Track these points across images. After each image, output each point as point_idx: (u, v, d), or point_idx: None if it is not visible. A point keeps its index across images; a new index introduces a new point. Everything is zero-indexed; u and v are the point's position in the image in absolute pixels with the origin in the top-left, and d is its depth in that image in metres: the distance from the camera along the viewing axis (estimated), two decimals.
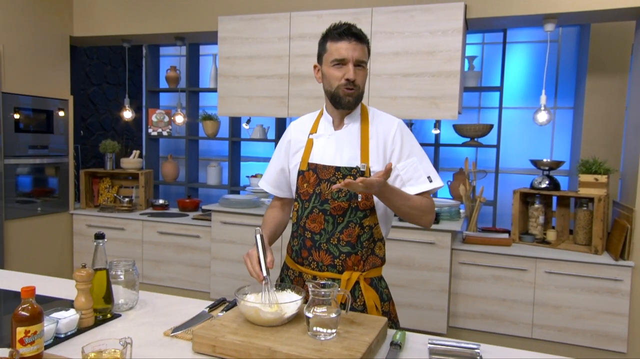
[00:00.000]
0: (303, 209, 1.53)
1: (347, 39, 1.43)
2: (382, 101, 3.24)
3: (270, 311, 1.25)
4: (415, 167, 1.49)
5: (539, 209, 3.27)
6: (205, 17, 3.72)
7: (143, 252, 3.88)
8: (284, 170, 1.64)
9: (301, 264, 1.56)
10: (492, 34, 4.07)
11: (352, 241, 1.48)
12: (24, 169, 3.70)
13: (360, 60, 1.45)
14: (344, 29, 1.44)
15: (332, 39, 1.46)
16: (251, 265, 1.38)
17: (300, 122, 1.66)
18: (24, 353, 1.07)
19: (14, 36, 3.55)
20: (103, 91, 5.12)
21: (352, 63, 1.44)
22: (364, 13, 3.22)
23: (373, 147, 1.50)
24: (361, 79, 1.47)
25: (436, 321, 3.12)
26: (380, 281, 1.56)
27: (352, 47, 1.43)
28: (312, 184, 1.52)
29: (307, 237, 1.52)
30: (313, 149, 1.55)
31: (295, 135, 1.63)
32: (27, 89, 3.68)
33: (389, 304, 1.55)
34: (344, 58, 1.44)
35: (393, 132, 1.51)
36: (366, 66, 1.49)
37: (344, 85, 1.45)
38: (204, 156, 4.96)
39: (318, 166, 1.52)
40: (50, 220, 3.91)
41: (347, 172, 1.49)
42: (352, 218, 1.48)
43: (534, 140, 4.03)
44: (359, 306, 1.48)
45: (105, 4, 3.99)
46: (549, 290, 2.96)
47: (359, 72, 1.46)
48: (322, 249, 1.50)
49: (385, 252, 1.58)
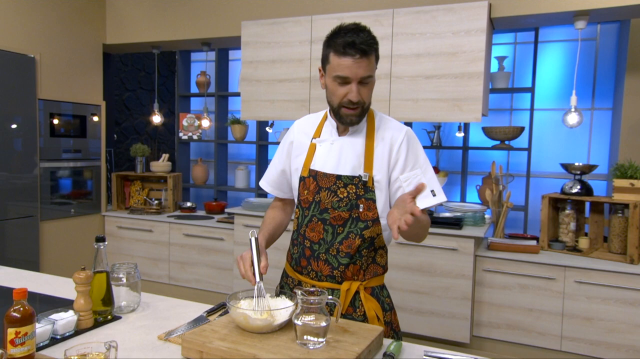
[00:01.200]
0: (303, 216, 1.49)
1: (351, 54, 1.30)
2: (403, 104, 3.18)
3: (259, 318, 1.24)
4: (418, 180, 1.39)
5: (570, 215, 3.11)
6: (230, 22, 3.78)
7: (170, 254, 3.97)
8: (285, 172, 1.59)
9: (300, 273, 1.52)
10: (525, 33, 3.92)
11: (352, 252, 1.42)
12: (58, 172, 3.86)
13: (366, 76, 1.34)
14: (349, 42, 1.30)
15: (336, 51, 1.33)
16: (244, 268, 1.35)
17: (304, 123, 1.58)
18: (14, 353, 1.10)
19: (49, 45, 3.72)
20: (137, 96, 5.28)
21: (355, 82, 1.34)
22: (385, 14, 3.17)
23: (377, 155, 1.43)
24: (366, 94, 1.37)
25: (459, 330, 3.02)
26: (382, 289, 1.51)
27: (356, 64, 1.31)
28: (312, 191, 1.47)
29: (307, 246, 1.48)
30: (315, 155, 1.49)
31: (298, 136, 1.56)
32: (62, 95, 3.85)
33: (391, 314, 1.50)
34: (347, 77, 1.33)
35: (399, 142, 1.42)
36: (373, 78, 1.38)
37: (346, 105, 1.37)
38: (234, 159, 5.04)
39: (319, 173, 1.46)
40: (83, 221, 4.06)
41: (348, 181, 1.43)
42: (353, 229, 1.42)
43: (570, 143, 3.86)
44: (359, 317, 1.44)
45: (136, 12, 4.12)
46: (580, 301, 2.81)
47: (363, 88, 1.36)
48: (321, 260, 1.45)
49: (388, 259, 1.53)
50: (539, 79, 3.78)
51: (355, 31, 1.33)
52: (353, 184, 1.42)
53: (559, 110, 3.78)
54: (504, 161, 4.08)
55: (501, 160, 4.05)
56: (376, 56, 1.38)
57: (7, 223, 3.44)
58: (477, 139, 3.96)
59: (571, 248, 3.08)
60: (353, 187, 1.41)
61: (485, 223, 3.28)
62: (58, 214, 3.86)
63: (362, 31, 1.34)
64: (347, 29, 1.34)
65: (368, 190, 1.42)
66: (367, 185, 1.41)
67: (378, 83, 3.24)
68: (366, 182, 1.41)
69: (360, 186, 1.41)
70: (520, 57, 3.99)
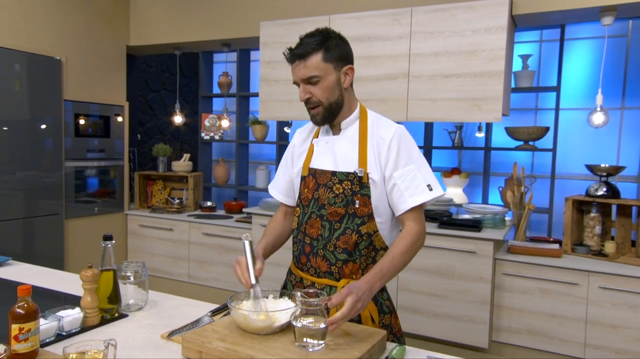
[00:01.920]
0: (303, 214, 1.52)
1: (291, 61, 1.43)
2: (421, 103, 3.13)
3: (259, 319, 1.24)
4: (413, 176, 1.42)
5: (595, 219, 3.00)
6: (249, 23, 3.80)
7: (189, 253, 4.01)
8: (292, 180, 1.63)
9: (301, 269, 1.55)
10: (551, 30, 3.81)
11: (349, 249, 1.43)
12: (83, 171, 3.95)
13: (309, 77, 1.40)
14: (288, 48, 1.43)
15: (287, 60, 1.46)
16: (240, 272, 1.37)
17: (304, 128, 1.65)
18: (18, 349, 1.12)
19: (75, 47, 3.81)
20: (161, 97, 5.37)
21: (302, 84, 1.43)
22: (403, 13, 3.13)
23: (370, 153, 1.45)
24: (319, 92, 1.42)
25: (477, 335, 2.96)
26: (382, 292, 1.49)
27: (295, 69, 1.42)
28: (312, 189, 1.50)
29: (307, 242, 1.50)
30: (314, 155, 1.54)
31: (299, 141, 1.63)
32: (87, 96, 3.94)
33: (391, 317, 1.48)
34: (294, 79, 1.45)
35: (389, 140, 1.44)
36: (323, 77, 1.41)
37: (306, 104, 1.47)
38: (255, 159, 5.07)
39: (317, 171, 1.51)
40: (106, 220, 4.15)
41: (343, 177, 1.45)
42: (349, 225, 1.44)
43: (598, 143, 3.72)
44: (355, 316, 1.42)
45: (158, 14, 4.19)
46: (605, 307, 2.71)
47: (313, 87, 1.42)
48: (319, 256, 1.47)
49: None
50: (566, 77, 3.66)
51: (301, 39, 1.43)
52: (348, 180, 1.44)
53: (586, 109, 3.65)
54: (528, 162, 3.97)
55: (525, 161, 3.94)
56: (326, 55, 1.40)
57: (35, 220, 3.55)
58: (501, 139, 3.86)
59: (596, 252, 2.98)
60: (348, 184, 1.44)
61: (506, 226, 3.19)
62: (82, 213, 3.95)
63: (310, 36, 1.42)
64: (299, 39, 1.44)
65: (363, 186, 1.44)
66: (363, 181, 1.43)
67: (396, 83, 3.20)
68: (361, 178, 1.43)
69: (355, 182, 1.43)
70: (546, 55, 3.88)
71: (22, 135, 3.44)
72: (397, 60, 3.18)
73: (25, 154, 3.47)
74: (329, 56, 1.40)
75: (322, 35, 1.41)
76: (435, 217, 3.24)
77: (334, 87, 1.43)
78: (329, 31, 1.44)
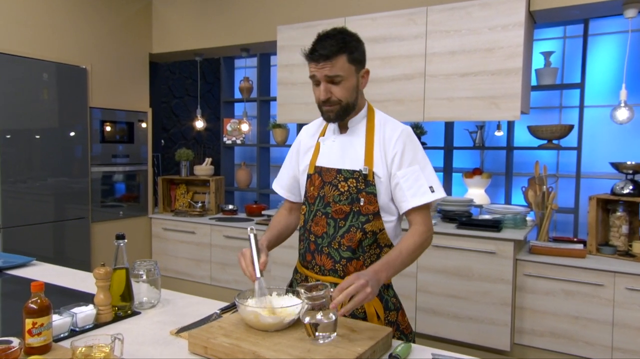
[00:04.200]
0: (309, 212, 1.53)
1: (314, 60, 1.40)
2: (438, 103, 3.10)
3: (270, 316, 1.25)
4: (416, 176, 1.43)
5: (621, 218, 2.91)
6: (267, 27, 3.85)
7: (211, 255, 4.07)
8: (296, 177, 1.65)
9: (306, 267, 1.56)
10: (575, 26, 3.72)
11: (353, 246, 1.44)
12: (108, 176, 4.07)
13: (333, 76, 1.39)
14: (310, 50, 1.40)
15: (306, 57, 1.43)
16: (245, 264, 1.39)
17: (310, 126, 1.67)
18: (31, 343, 1.17)
19: (99, 56, 3.94)
20: (184, 103, 5.49)
21: (324, 82, 1.41)
22: (419, 13, 3.11)
23: (376, 151, 1.46)
24: (340, 92, 1.42)
25: (498, 337, 2.90)
26: (388, 289, 1.49)
27: (319, 68, 1.40)
28: (317, 187, 1.51)
29: (312, 240, 1.52)
30: (320, 152, 1.55)
31: (304, 139, 1.64)
32: (111, 103, 4.06)
33: (397, 314, 1.47)
34: (314, 75, 1.42)
35: (395, 139, 1.46)
36: (346, 78, 1.42)
37: (322, 103, 1.45)
38: (276, 163, 5.11)
39: (323, 168, 1.52)
40: (131, 223, 4.26)
41: (348, 175, 1.46)
42: (354, 222, 1.44)
43: (625, 141, 3.61)
44: (360, 314, 1.43)
45: (179, 22, 4.29)
46: (632, 309, 2.62)
47: (335, 87, 1.41)
48: (324, 253, 1.48)
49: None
50: (590, 74, 3.57)
51: (323, 37, 1.41)
52: (354, 178, 1.45)
53: (611, 107, 3.55)
54: (552, 161, 3.88)
55: (550, 160, 3.85)
56: (350, 57, 1.41)
57: (63, 224, 3.67)
58: (523, 138, 3.79)
59: (623, 253, 2.88)
60: (354, 181, 1.45)
61: (527, 226, 3.12)
62: (108, 216, 4.07)
63: (333, 35, 1.41)
64: (318, 36, 1.42)
65: (369, 184, 1.44)
66: (368, 179, 1.44)
67: (412, 83, 3.18)
68: (366, 175, 1.44)
69: (360, 180, 1.44)
70: (570, 51, 3.78)
71: (52, 142, 3.57)
72: (413, 60, 3.16)
73: (55, 160, 3.60)
74: (352, 58, 1.42)
75: (343, 36, 1.41)
76: (454, 217, 3.20)
77: (354, 88, 1.45)
78: (348, 31, 1.44)
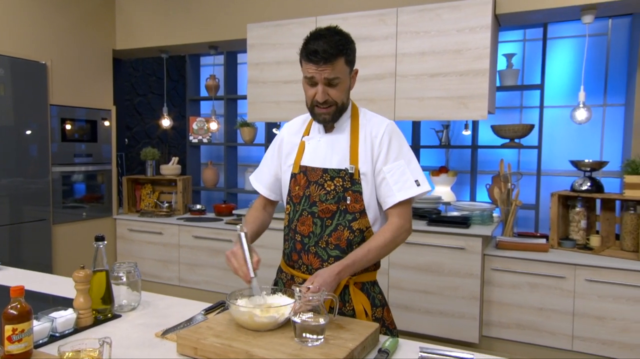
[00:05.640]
0: (294, 212, 1.53)
1: (315, 62, 1.38)
2: (409, 102, 3.17)
3: (264, 316, 1.23)
4: (402, 171, 1.44)
5: (580, 213, 3.06)
6: (236, 25, 3.81)
7: (180, 256, 4.00)
8: (278, 176, 1.63)
9: (292, 267, 1.55)
10: (534, 30, 3.88)
11: (341, 245, 1.45)
12: (70, 176, 3.92)
13: (332, 78, 1.40)
14: (312, 50, 1.37)
15: (304, 57, 1.41)
16: (237, 264, 1.35)
17: (292, 124, 1.64)
18: (11, 350, 1.12)
19: (60, 51, 3.79)
20: (148, 101, 5.35)
21: (322, 84, 1.40)
22: (389, 14, 3.16)
23: (362, 149, 1.47)
24: (337, 94, 1.43)
25: (468, 330, 2.99)
26: (374, 286, 1.52)
27: (320, 70, 1.38)
28: (303, 186, 1.51)
29: (297, 240, 1.51)
30: (305, 152, 1.54)
31: (287, 137, 1.62)
32: (73, 100, 3.91)
33: (383, 310, 1.50)
34: (313, 77, 1.41)
35: (381, 135, 1.47)
36: (343, 80, 1.43)
37: (316, 104, 1.44)
38: (244, 162, 5.06)
39: (308, 168, 1.51)
40: (95, 224, 4.12)
41: (335, 174, 1.47)
42: (341, 221, 1.45)
43: (582, 140, 3.80)
44: (349, 311, 1.45)
45: (144, 18, 4.18)
46: (591, 300, 2.76)
47: (332, 89, 1.42)
48: (311, 253, 1.48)
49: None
50: (549, 76, 3.73)
51: (322, 37, 1.38)
52: (340, 177, 1.46)
53: (569, 107, 3.72)
54: (514, 159, 4.03)
55: (511, 158, 4.00)
56: (347, 59, 1.42)
57: (22, 226, 3.51)
58: (487, 137, 3.92)
59: (582, 246, 3.03)
60: (340, 180, 1.45)
61: (494, 222, 3.24)
62: (70, 218, 3.92)
63: (331, 36, 1.38)
64: (315, 35, 1.40)
65: (355, 182, 1.45)
66: (354, 177, 1.45)
67: (383, 82, 3.23)
68: (352, 174, 1.45)
69: (347, 179, 1.45)
70: (530, 54, 3.95)
71: (7, 141, 3.40)
72: (384, 61, 3.21)
73: (10, 160, 3.43)
74: (348, 60, 1.43)
75: (340, 37, 1.40)
76: (424, 215, 3.28)
77: (348, 89, 1.47)
78: (343, 32, 1.43)
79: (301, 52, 1.42)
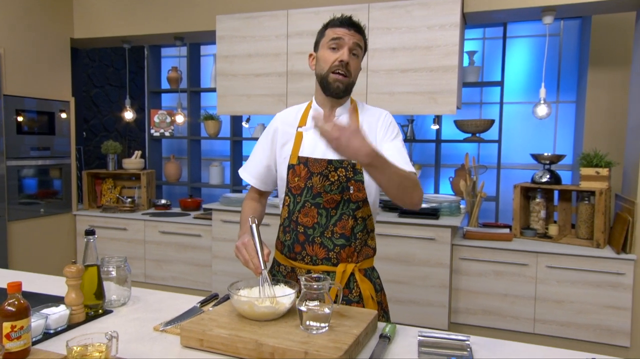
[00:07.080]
0: (295, 203, 1.51)
1: (346, 26, 1.45)
2: (380, 97, 3.23)
3: (264, 305, 1.24)
4: (399, 151, 1.48)
5: (540, 204, 3.24)
6: (204, 16, 3.73)
7: (145, 252, 3.90)
8: (270, 167, 1.61)
9: (294, 259, 1.54)
10: (493, 28, 4.04)
11: (347, 233, 1.48)
12: (26, 171, 3.73)
13: (357, 45, 1.46)
14: (345, 18, 1.47)
15: (333, 25, 1.47)
16: (249, 255, 1.32)
17: (286, 114, 1.62)
18: (10, 347, 1.08)
19: (14, 39, 3.58)
20: (106, 93, 5.16)
21: (347, 47, 1.44)
22: (361, 9, 3.21)
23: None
24: (354, 66, 1.48)
25: (437, 318, 3.11)
26: (373, 271, 1.57)
27: (349, 34, 1.45)
28: (303, 177, 1.49)
29: (300, 231, 1.50)
30: (303, 142, 1.52)
31: (282, 127, 1.58)
32: (29, 91, 3.72)
33: (381, 295, 1.56)
34: (341, 38, 1.44)
35: (382, 118, 1.53)
36: (360, 59, 1.50)
37: (336, 68, 1.45)
38: (207, 156, 4.98)
39: (309, 159, 1.50)
40: (53, 221, 3.94)
41: (338, 164, 1.48)
42: (345, 210, 1.48)
43: (537, 135, 4.00)
44: (355, 298, 1.48)
45: (105, 6, 4.02)
46: (551, 285, 2.93)
47: (353, 59, 1.46)
48: (316, 243, 1.49)
49: (377, 244, 1.58)
50: (507, 73, 3.90)
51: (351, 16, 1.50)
52: (343, 168, 1.48)
53: (526, 103, 3.92)
54: (475, 153, 4.19)
55: (472, 152, 4.16)
56: (365, 46, 1.52)
57: None
58: (449, 132, 4.05)
59: (542, 235, 3.21)
60: (343, 171, 1.47)
61: (461, 213, 3.37)
62: (26, 214, 3.73)
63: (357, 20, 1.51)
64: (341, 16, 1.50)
65: (357, 172, 1.48)
66: (356, 167, 1.48)
67: None
68: (355, 164, 1.47)
69: (349, 169, 1.47)
70: (489, 52, 4.11)
71: None
72: None
73: None
74: (365, 45, 1.52)
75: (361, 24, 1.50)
76: (394, 207, 3.36)
77: (359, 70, 1.52)
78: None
79: (328, 24, 1.49)
